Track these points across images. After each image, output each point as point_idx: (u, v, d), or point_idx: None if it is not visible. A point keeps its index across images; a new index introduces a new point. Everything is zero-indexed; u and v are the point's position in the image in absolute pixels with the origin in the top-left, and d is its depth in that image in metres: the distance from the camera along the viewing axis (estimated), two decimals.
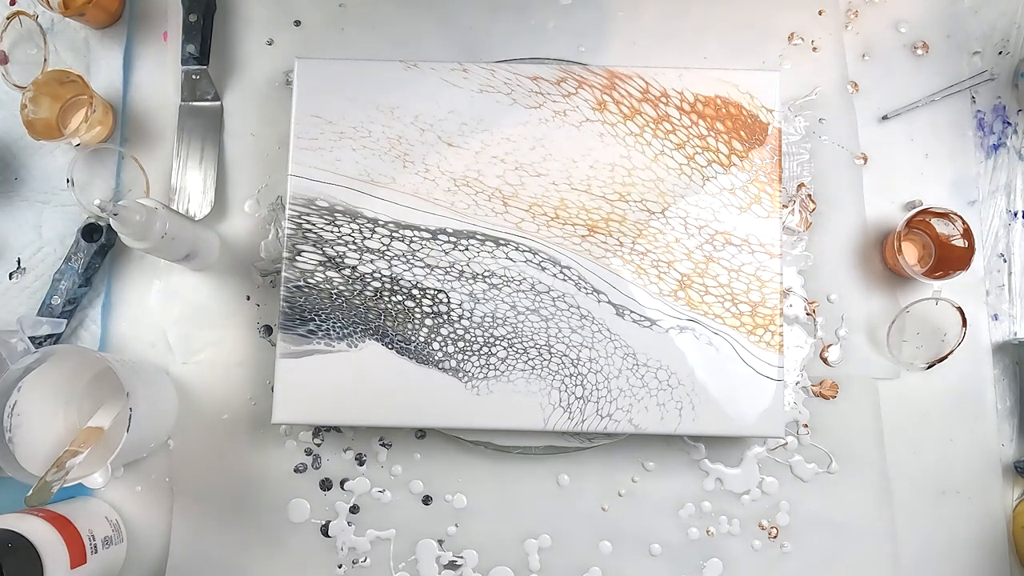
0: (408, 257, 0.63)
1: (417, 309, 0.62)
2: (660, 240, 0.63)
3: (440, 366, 0.61)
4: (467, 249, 0.63)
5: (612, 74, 0.64)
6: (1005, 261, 0.69)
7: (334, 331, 0.62)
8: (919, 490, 0.66)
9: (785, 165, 0.69)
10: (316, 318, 0.62)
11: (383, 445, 0.66)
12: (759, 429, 0.61)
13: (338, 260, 0.62)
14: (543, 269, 0.62)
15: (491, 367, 0.61)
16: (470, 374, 0.61)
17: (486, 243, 0.63)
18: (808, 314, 0.67)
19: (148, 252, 0.60)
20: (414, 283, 0.62)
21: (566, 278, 0.62)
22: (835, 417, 0.66)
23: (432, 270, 0.62)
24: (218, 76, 0.70)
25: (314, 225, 0.63)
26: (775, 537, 0.65)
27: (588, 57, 0.70)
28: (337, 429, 0.66)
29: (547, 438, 0.64)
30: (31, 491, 0.54)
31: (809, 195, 0.69)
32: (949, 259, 0.66)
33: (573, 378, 0.61)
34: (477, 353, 0.61)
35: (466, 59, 0.66)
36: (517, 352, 0.62)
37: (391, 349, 0.62)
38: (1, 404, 0.57)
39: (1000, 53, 0.71)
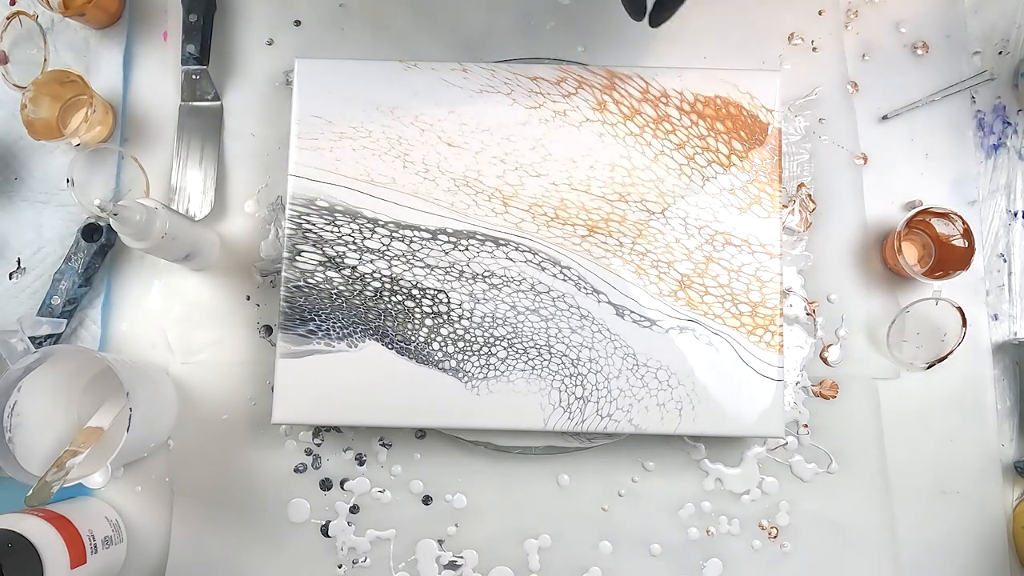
0: (408, 257, 0.63)
1: (417, 309, 0.62)
2: (660, 240, 0.63)
3: (440, 366, 0.61)
4: (467, 249, 0.63)
5: (612, 74, 0.64)
6: (1005, 261, 0.69)
7: (334, 331, 0.62)
8: (919, 490, 0.66)
9: (785, 165, 0.69)
10: (316, 318, 0.62)
11: (383, 445, 0.66)
12: (759, 429, 0.61)
13: (338, 260, 0.62)
14: (543, 269, 0.62)
15: (491, 367, 0.61)
16: (470, 374, 0.61)
17: (486, 243, 0.63)
18: (808, 314, 0.67)
19: (148, 252, 0.60)
20: (414, 283, 0.62)
21: (566, 278, 0.62)
22: (835, 417, 0.66)
23: (432, 270, 0.62)
24: (218, 76, 0.70)
25: (314, 225, 0.63)
26: (775, 537, 0.65)
27: (588, 57, 0.70)
28: (337, 429, 0.66)
29: (547, 438, 0.64)
30: (31, 491, 0.54)
31: (809, 195, 0.69)
32: (949, 259, 0.66)
33: (573, 378, 0.61)
34: (477, 353, 0.61)
35: (466, 59, 0.66)
36: (517, 352, 0.62)
37: (391, 349, 0.62)
38: (1, 404, 0.57)
39: (1000, 53, 0.71)
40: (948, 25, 0.70)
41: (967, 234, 0.65)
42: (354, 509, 0.66)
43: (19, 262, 0.69)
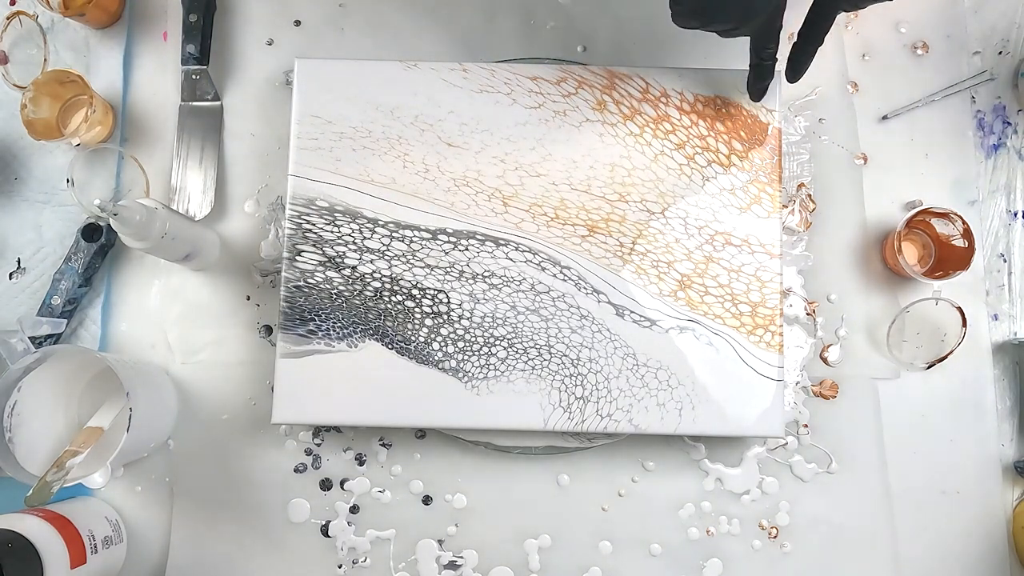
0: (408, 257, 0.63)
1: (417, 309, 0.62)
2: (660, 240, 0.63)
3: (440, 366, 0.61)
4: (467, 249, 0.63)
5: (612, 74, 0.64)
6: (1005, 261, 0.69)
7: (334, 331, 0.62)
8: (919, 490, 0.66)
9: (785, 165, 0.69)
10: (316, 318, 0.62)
11: (383, 445, 0.66)
12: (759, 429, 0.61)
13: (338, 260, 0.62)
14: (543, 269, 0.62)
15: (491, 367, 0.61)
16: (470, 374, 0.61)
17: (486, 243, 0.63)
18: (808, 314, 0.67)
19: (148, 252, 0.60)
20: (414, 283, 0.62)
21: (566, 278, 0.62)
22: (835, 417, 0.66)
23: (432, 270, 0.62)
24: (218, 76, 0.70)
25: (314, 225, 0.63)
26: (775, 537, 0.65)
27: (588, 57, 0.70)
28: (337, 429, 0.66)
29: (547, 438, 0.64)
30: (31, 491, 0.54)
31: (809, 195, 0.69)
32: (949, 259, 0.66)
33: (573, 378, 0.61)
34: (477, 353, 0.61)
35: (466, 59, 0.66)
36: (517, 352, 0.62)
37: (391, 349, 0.62)
38: (1, 404, 0.57)
39: (1000, 53, 0.71)
40: (948, 25, 0.70)
41: (967, 234, 0.65)
42: (354, 509, 0.66)
43: (19, 262, 0.69)
